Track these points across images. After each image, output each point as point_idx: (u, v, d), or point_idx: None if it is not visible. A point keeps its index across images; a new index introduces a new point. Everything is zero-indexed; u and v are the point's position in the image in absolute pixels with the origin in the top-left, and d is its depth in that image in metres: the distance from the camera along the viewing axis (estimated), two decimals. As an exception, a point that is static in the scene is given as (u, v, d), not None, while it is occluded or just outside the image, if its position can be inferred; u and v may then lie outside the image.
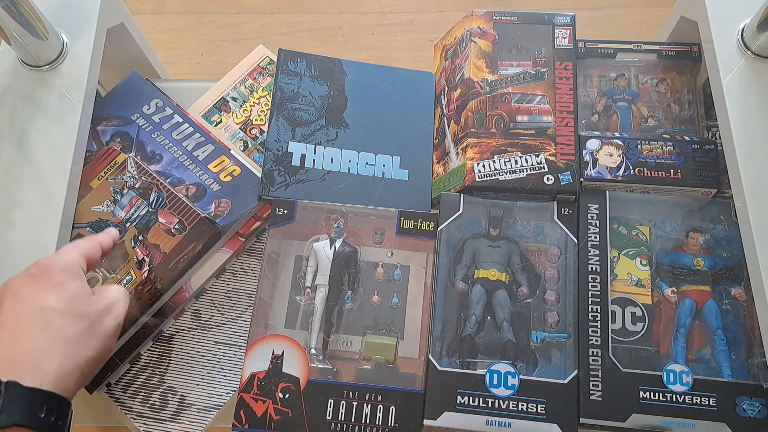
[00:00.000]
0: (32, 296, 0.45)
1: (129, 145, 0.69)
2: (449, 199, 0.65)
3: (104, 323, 0.48)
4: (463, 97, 0.69)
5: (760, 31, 0.60)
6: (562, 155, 0.65)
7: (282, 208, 0.65)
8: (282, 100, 0.71)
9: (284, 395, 0.58)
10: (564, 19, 0.71)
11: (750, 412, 0.56)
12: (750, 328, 0.60)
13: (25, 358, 0.42)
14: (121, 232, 0.64)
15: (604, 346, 0.58)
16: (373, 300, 0.63)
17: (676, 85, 0.72)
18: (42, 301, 0.45)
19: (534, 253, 0.64)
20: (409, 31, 1.41)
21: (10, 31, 0.60)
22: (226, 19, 1.44)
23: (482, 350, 0.60)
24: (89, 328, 0.46)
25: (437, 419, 0.56)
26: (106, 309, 0.49)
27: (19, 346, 0.42)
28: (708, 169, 0.65)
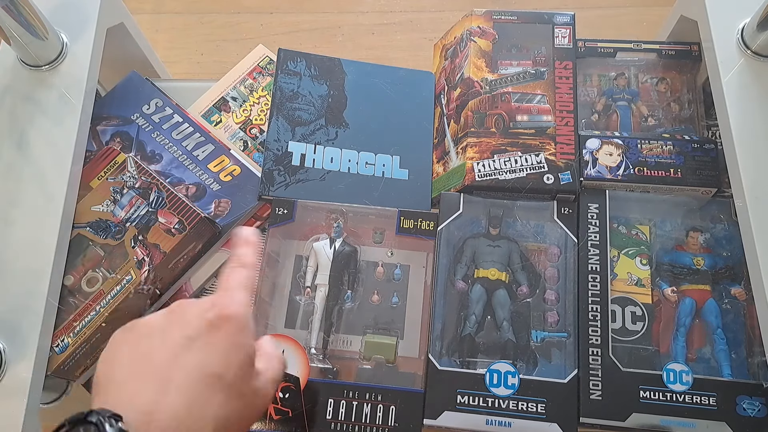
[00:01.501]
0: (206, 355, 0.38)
1: (129, 145, 0.69)
2: (449, 198, 0.65)
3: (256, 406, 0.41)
4: (463, 97, 0.69)
5: (760, 30, 0.60)
6: (562, 155, 0.65)
7: (282, 207, 0.65)
8: (282, 99, 0.71)
9: (284, 395, 0.58)
10: (564, 18, 0.71)
11: (750, 411, 0.56)
12: (750, 327, 0.60)
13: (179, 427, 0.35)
14: (121, 232, 0.64)
15: (604, 345, 0.58)
16: (373, 299, 0.63)
17: (676, 84, 0.72)
18: (213, 366, 0.38)
19: (534, 252, 0.64)
20: (408, 30, 1.41)
21: (10, 31, 0.60)
22: (225, 19, 1.44)
23: (482, 350, 0.60)
24: (243, 408, 0.39)
25: (437, 419, 0.56)
26: (264, 387, 0.41)
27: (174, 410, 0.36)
28: (708, 168, 0.65)
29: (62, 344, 0.60)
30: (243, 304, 0.41)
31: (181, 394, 0.36)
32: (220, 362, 0.38)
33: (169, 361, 0.37)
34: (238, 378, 0.39)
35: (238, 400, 0.38)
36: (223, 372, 0.38)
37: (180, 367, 0.37)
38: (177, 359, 0.37)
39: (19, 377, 0.55)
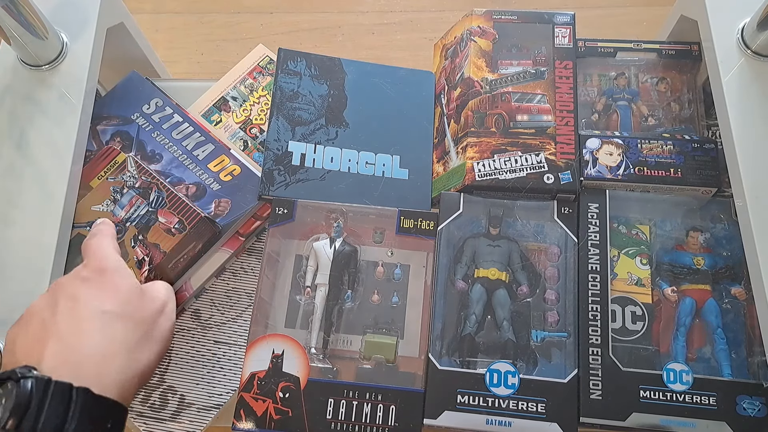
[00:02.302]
0: (90, 300, 0.43)
1: (129, 145, 0.69)
2: (449, 198, 0.65)
3: (160, 325, 0.47)
4: (463, 97, 0.69)
5: (760, 30, 0.60)
6: (562, 154, 0.65)
7: (282, 207, 0.65)
8: (282, 99, 0.71)
9: (284, 395, 0.58)
10: (564, 18, 0.71)
11: (750, 411, 0.56)
12: (750, 327, 0.60)
13: (88, 364, 0.40)
14: (121, 231, 0.64)
15: (604, 345, 0.58)
16: (373, 299, 0.63)
17: (676, 84, 0.72)
18: (101, 305, 0.43)
19: (534, 252, 0.64)
20: (408, 30, 1.41)
21: (10, 31, 0.60)
22: (225, 19, 1.44)
23: (482, 349, 0.60)
24: (148, 332, 0.45)
25: (437, 418, 0.56)
26: (160, 309, 0.48)
27: (81, 351, 0.40)
28: (708, 168, 0.65)
29: (62, 344, 0.60)
30: (107, 257, 0.48)
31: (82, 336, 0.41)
32: (109, 300, 0.44)
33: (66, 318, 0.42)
34: (131, 307, 0.45)
35: (138, 324, 0.44)
36: (114, 307, 0.44)
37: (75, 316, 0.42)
38: (72, 313, 0.42)
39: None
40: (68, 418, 0.35)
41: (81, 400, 0.36)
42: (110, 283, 0.45)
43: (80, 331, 0.41)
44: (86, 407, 0.37)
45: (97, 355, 0.40)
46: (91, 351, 0.40)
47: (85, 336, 0.41)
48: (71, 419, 0.35)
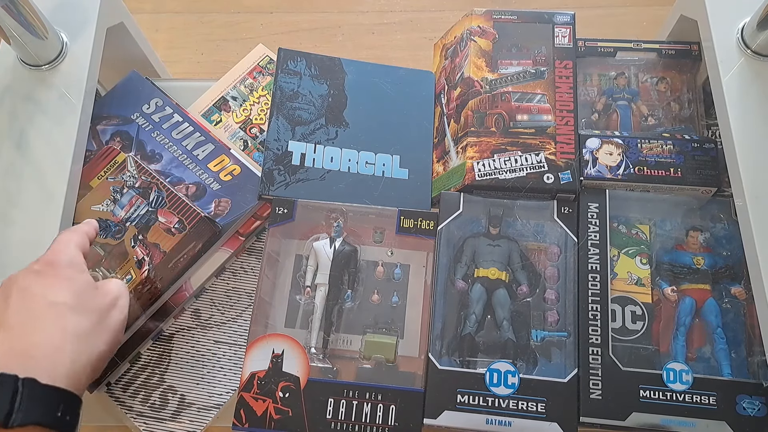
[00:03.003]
0: (41, 292, 0.45)
1: (129, 145, 0.69)
2: (449, 198, 0.65)
3: (112, 317, 0.48)
4: (463, 96, 0.69)
5: (760, 29, 0.60)
6: (562, 154, 0.65)
7: (282, 207, 0.65)
8: (282, 99, 0.71)
9: (284, 394, 0.58)
10: (564, 17, 0.71)
11: (750, 410, 0.56)
12: (750, 326, 0.60)
13: (38, 354, 0.41)
14: (121, 231, 0.64)
15: (604, 344, 0.58)
16: (373, 299, 0.63)
17: (676, 83, 0.72)
18: (52, 297, 0.45)
19: (534, 251, 0.64)
20: (408, 30, 1.41)
21: (10, 31, 0.60)
22: (225, 19, 1.44)
23: (482, 349, 0.60)
24: (98, 322, 0.46)
25: (437, 418, 0.56)
26: (112, 302, 0.49)
27: (31, 341, 0.42)
28: (708, 167, 0.65)
29: (62, 344, 0.60)
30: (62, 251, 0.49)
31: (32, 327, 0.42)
32: (61, 292, 0.45)
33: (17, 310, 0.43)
34: (82, 299, 0.46)
35: (89, 315, 0.45)
36: (65, 299, 0.45)
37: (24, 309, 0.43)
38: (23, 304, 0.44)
39: (19, 377, 0.55)
40: (14, 409, 0.37)
41: (27, 390, 0.38)
42: (62, 276, 0.46)
43: (30, 322, 0.42)
44: (33, 397, 0.38)
45: (47, 346, 0.41)
46: (40, 341, 0.41)
47: (34, 327, 0.42)
48: (17, 410, 0.37)
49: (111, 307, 0.48)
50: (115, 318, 0.48)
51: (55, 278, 0.46)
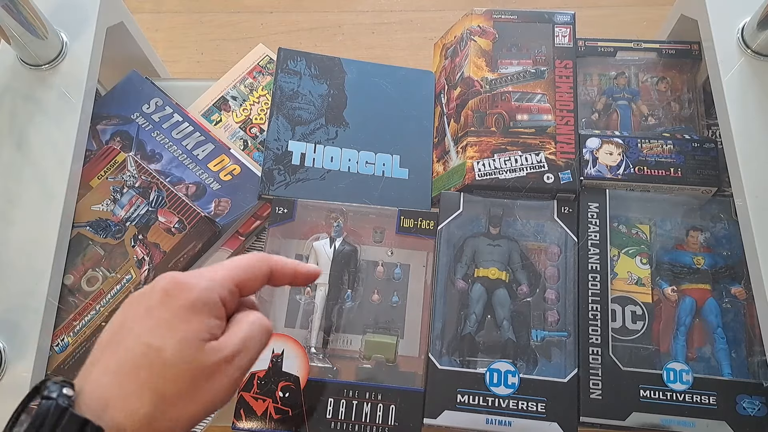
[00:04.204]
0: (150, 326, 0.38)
1: (129, 144, 0.69)
2: (449, 197, 0.65)
3: (212, 384, 0.38)
4: (463, 96, 0.69)
5: (760, 29, 0.60)
6: (562, 154, 0.65)
7: (282, 207, 0.65)
8: (282, 98, 0.71)
9: (284, 394, 0.58)
10: (564, 17, 0.71)
11: (750, 410, 0.56)
12: (750, 326, 0.60)
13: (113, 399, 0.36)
14: (121, 231, 0.64)
15: (605, 344, 0.58)
16: (373, 299, 0.63)
17: (676, 83, 0.72)
18: (153, 338, 0.37)
19: (534, 251, 0.64)
20: (408, 29, 1.41)
21: (10, 31, 0.60)
22: (225, 18, 1.44)
23: (482, 349, 0.60)
24: (190, 387, 0.38)
25: (437, 418, 0.56)
26: (221, 366, 0.39)
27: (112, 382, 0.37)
28: (708, 167, 0.65)
29: (62, 344, 0.60)
30: (209, 278, 0.40)
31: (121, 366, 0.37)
32: (163, 333, 0.37)
33: (127, 332, 0.38)
34: (179, 353, 0.37)
35: (180, 377, 0.37)
36: (161, 344, 0.37)
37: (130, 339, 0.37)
38: (133, 330, 0.38)
39: (19, 377, 0.55)
40: None
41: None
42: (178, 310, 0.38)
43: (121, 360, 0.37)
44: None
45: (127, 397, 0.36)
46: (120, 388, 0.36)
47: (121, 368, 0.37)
48: None
49: (221, 366, 0.38)
50: (217, 385, 0.39)
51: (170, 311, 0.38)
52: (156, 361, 0.37)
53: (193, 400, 0.38)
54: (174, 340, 0.37)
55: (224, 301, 0.40)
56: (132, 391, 0.36)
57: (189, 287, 0.39)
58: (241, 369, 0.39)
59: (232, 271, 0.41)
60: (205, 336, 0.38)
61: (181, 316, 0.38)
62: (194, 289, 0.39)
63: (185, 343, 0.37)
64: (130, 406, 0.36)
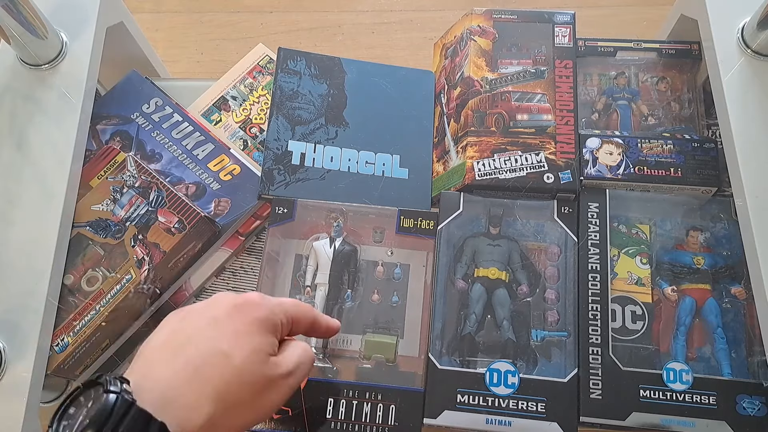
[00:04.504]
0: (221, 333, 0.40)
1: (128, 144, 0.69)
2: (449, 197, 0.65)
3: (269, 396, 0.41)
4: (463, 96, 0.69)
5: (760, 29, 0.60)
6: (562, 154, 0.65)
7: (282, 206, 0.65)
8: (282, 98, 0.71)
9: (284, 394, 0.58)
10: (564, 17, 0.71)
11: (750, 410, 0.56)
12: (750, 326, 0.60)
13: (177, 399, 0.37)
14: (121, 231, 0.64)
15: (604, 344, 0.58)
16: (373, 299, 0.63)
17: (677, 83, 0.72)
18: (223, 344, 0.39)
19: (534, 251, 0.64)
20: (408, 29, 1.41)
21: (10, 30, 0.60)
22: (225, 18, 1.44)
23: (482, 349, 0.60)
24: (251, 395, 0.40)
25: (437, 418, 0.56)
26: (278, 380, 0.41)
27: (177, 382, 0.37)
28: (708, 167, 0.65)
29: (62, 343, 0.60)
30: (275, 302, 0.43)
31: (187, 366, 0.38)
32: (231, 342, 0.39)
33: (189, 338, 0.39)
34: (248, 362, 0.39)
35: (244, 384, 0.39)
36: (231, 351, 0.39)
37: (195, 343, 0.39)
38: (196, 336, 0.39)
39: (19, 376, 0.55)
40: None
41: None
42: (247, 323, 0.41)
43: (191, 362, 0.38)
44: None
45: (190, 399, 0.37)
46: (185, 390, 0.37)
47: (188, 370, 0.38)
48: None
49: (274, 384, 0.41)
50: (273, 397, 0.41)
51: (240, 323, 0.41)
52: (226, 366, 0.39)
53: (251, 408, 0.40)
54: (245, 350, 0.40)
55: (282, 326, 0.43)
56: (198, 391, 0.38)
57: (259, 305, 0.42)
58: (292, 387, 0.43)
59: (293, 306, 0.45)
60: (269, 350, 0.41)
61: (251, 330, 0.41)
62: (264, 308, 0.42)
63: (254, 354, 0.40)
64: (194, 406, 0.37)
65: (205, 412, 0.37)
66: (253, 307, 0.42)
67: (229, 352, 0.39)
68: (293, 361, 0.43)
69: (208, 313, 0.41)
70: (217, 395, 0.38)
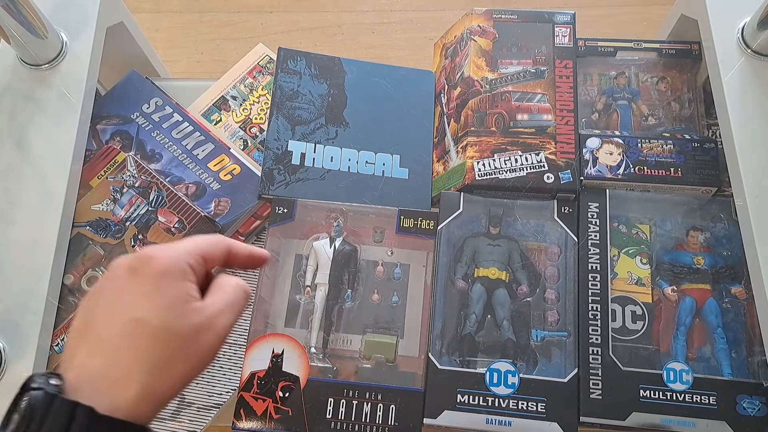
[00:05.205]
0: (129, 301, 0.39)
1: (129, 144, 0.69)
2: (449, 197, 0.65)
3: (200, 342, 0.40)
4: (463, 96, 0.69)
5: (760, 29, 0.60)
6: (563, 154, 0.65)
7: (282, 206, 0.65)
8: (282, 98, 0.71)
9: (284, 394, 0.58)
10: (564, 17, 0.71)
11: (750, 410, 0.56)
12: (750, 326, 0.60)
13: (103, 378, 0.37)
14: (121, 231, 0.64)
15: (605, 344, 0.58)
16: (373, 299, 0.63)
17: (677, 83, 0.72)
18: (134, 310, 0.38)
19: (534, 251, 0.64)
20: (408, 29, 1.41)
21: (10, 30, 0.60)
22: (225, 18, 1.44)
23: (482, 349, 0.60)
24: (181, 348, 0.39)
25: (437, 418, 0.56)
26: (208, 323, 0.40)
27: (99, 363, 0.38)
28: (708, 167, 0.65)
29: (62, 343, 0.60)
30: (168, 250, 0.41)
31: (106, 344, 0.37)
32: (142, 305, 0.38)
33: (101, 316, 0.39)
34: (166, 318, 0.38)
35: (171, 341, 0.38)
36: (146, 316, 0.38)
37: (108, 319, 0.38)
38: (106, 312, 0.39)
39: (19, 377, 0.54)
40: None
41: (81, 419, 0.35)
42: (152, 283, 0.39)
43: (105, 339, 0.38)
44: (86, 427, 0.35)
45: (115, 371, 0.37)
46: (108, 364, 0.37)
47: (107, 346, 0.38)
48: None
49: (204, 328, 0.40)
50: (205, 344, 0.40)
51: (144, 284, 0.39)
52: (144, 332, 0.38)
53: (185, 359, 0.39)
54: (159, 309, 0.38)
55: (192, 268, 0.41)
56: (123, 364, 0.37)
57: (155, 258, 0.40)
58: (225, 326, 0.41)
59: (195, 243, 0.43)
60: (186, 298, 0.40)
61: (158, 285, 0.39)
62: (162, 258, 0.40)
63: (170, 309, 0.39)
64: (122, 380, 0.37)
65: (136, 380, 0.37)
66: (151, 262, 0.40)
67: (144, 316, 0.38)
68: (219, 301, 0.41)
69: (111, 285, 0.40)
70: (145, 362, 0.38)
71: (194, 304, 0.40)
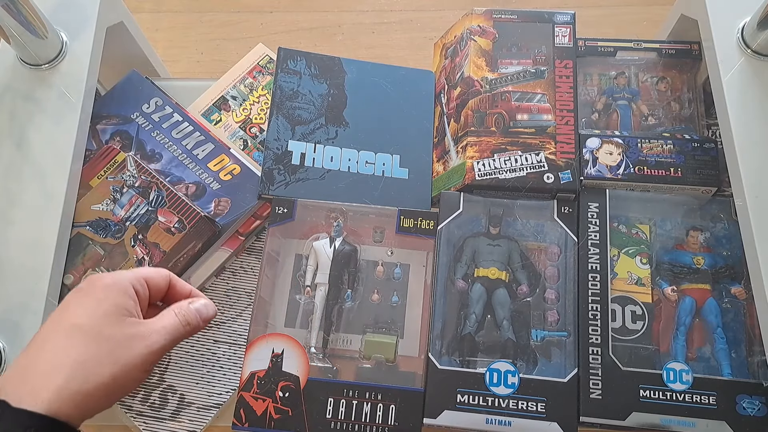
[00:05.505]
0: (71, 311, 0.43)
1: (128, 144, 0.69)
2: (449, 197, 0.65)
3: (131, 349, 0.43)
4: (463, 96, 0.69)
5: (760, 29, 0.60)
6: (562, 154, 0.65)
7: (282, 206, 0.65)
8: (282, 98, 0.71)
9: (284, 394, 0.58)
10: (564, 17, 0.71)
11: (750, 410, 0.56)
12: (750, 326, 0.60)
13: (32, 377, 0.39)
14: (121, 231, 0.64)
15: (604, 344, 0.58)
16: (373, 299, 0.63)
17: (677, 83, 0.72)
18: (73, 318, 0.42)
19: (534, 251, 0.64)
20: (408, 29, 1.41)
21: (10, 30, 0.60)
22: (225, 18, 1.44)
23: (482, 349, 0.60)
24: (109, 352, 0.42)
25: (437, 418, 0.56)
26: (141, 334, 0.43)
27: (33, 363, 0.40)
28: (708, 167, 0.65)
29: (62, 343, 0.60)
30: (118, 272, 0.46)
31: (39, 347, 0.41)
32: (81, 313, 0.42)
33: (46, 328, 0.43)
34: (98, 324, 0.42)
35: (99, 343, 0.42)
36: (82, 321, 0.42)
37: (50, 329, 0.42)
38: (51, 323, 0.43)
39: (19, 376, 0.55)
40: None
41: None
42: (93, 296, 0.44)
43: (42, 344, 0.42)
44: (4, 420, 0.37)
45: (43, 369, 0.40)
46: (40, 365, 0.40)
47: (42, 350, 0.41)
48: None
49: (135, 338, 0.43)
50: (135, 352, 0.43)
51: (86, 298, 0.44)
52: (77, 333, 0.42)
53: (113, 363, 0.42)
54: (94, 316, 0.42)
55: (135, 289, 0.45)
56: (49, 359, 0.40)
57: (100, 277, 0.45)
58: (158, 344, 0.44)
59: (139, 270, 0.47)
60: (123, 312, 0.44)
61: (98, 297, 0.43)
62: (105, 278, 0.44)
63: (105, 317, 0.43)
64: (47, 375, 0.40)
65: (61, 374, 0.40)
66: (96, 281, 0.44)
67: (80, 322, 0.42)
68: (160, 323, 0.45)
69: (61, 308, 0.44)
70: (71, 358, 0.40)
71: (131, 318, 0.44)
